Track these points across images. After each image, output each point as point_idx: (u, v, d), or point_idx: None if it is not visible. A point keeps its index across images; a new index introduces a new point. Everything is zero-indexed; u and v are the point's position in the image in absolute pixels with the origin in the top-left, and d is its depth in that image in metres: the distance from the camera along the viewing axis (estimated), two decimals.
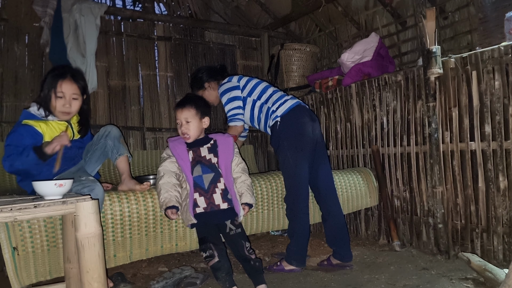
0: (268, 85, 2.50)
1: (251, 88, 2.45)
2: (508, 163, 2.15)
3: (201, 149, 2.01)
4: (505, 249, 2.17)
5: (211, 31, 4.12)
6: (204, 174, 1.95)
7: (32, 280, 1.68)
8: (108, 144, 2.08)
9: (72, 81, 1.96)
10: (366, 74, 3.05)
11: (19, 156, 1.82)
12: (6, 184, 2.80)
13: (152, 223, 1.96)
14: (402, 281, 2.07)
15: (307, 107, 2.41)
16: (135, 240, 1.92)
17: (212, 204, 1.93)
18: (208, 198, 1.93)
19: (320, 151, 2.38)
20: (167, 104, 3.83)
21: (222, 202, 1.94)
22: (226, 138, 2.08)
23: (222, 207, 1.94)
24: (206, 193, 1.93)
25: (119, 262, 1.90)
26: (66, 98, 1.94)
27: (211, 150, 2.02)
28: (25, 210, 1.30)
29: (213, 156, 2.01)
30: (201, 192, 1.93)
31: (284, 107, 2.32)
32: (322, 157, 2.39)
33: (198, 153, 2.00)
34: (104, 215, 1.83)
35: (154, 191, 2.02)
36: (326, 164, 2.42)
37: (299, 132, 2.27)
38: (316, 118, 2.39)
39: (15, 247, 1.62)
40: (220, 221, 1.96)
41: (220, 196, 1.95)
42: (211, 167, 1.98)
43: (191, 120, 1.98)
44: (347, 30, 3.89)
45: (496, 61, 2.17)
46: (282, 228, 2.44)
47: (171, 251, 2.06)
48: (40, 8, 3.19)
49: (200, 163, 1.98)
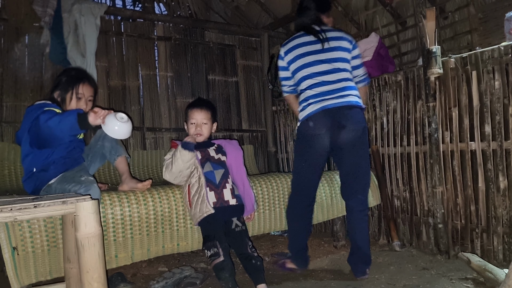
0: (312, 63, 2.16)
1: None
2: (508, 163, 2.15)
3: (208, 149, 2.08)
4: (505, 249, 2.17)
5: (211, 31, 4.11)
6: (215, 170, 2.01)
7: (32, 280, 1.68)
8: (106, 146, 2.10)
9: (90, 84, 2.08)
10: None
11: (59, 115, 1.80)
12: (6, 184, 2.80)
13: (153, 223, 1.96)
14: (402, 281, 2.07)
15: (337, 108, 2.08)
16: (137, 240, 1.92)
17: (222, 199, 1.97)
18: (219, 193, 1.97)
19: (344, 154, 2.15)
20: (167, 104, 3.83)
21: (232, 198, 1.99)
22: (230, 140, 2.17)
23: (232, 203, 1.99)
24: (217, 188, 1.98)
25: (120, 262, 1.89)
26: (84, 100, 2.04)
27: (218, 151, 2.09)
28: (25, 210, 1.30)
29: (221, 156, 2.08)
30: (212, 187, 1.97)
31: (303, 113, 2.15)
32: (345, 160, 2.18)
33: (206, 152, 2.06)
34: (104, 215, 1.83)
35: (154, 191, 2.02)
36: (348, 167, 2.19)
37: (308, 145, 2.15)
38: (345, 124, 2.07)
39: (14, 247, 1.62)
40: (229, 217, 2.00)
41: (230, 192, 2.00)
42: (221, 164, 2.05)
43: (207, 122, 2.09)
44: (347, 30, 3.88)
45: (496, 61, 2.18)
46: (285, 228, 2.43)
47: (172, 251, 2.06)
48: (40, 8, 3.19)
49: (209, 160, 2.04)
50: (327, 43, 2.14)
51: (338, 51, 2.15)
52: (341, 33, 2.21)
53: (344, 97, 2.09)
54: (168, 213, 2.00)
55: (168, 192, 2.04)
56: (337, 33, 2.20)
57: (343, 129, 2.08)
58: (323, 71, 2.12)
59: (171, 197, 2.03)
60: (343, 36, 2.20)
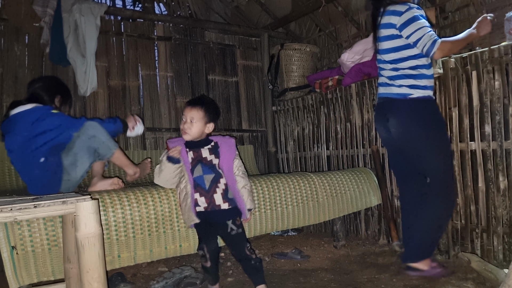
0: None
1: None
2: (508, 163, 2.15)
3: (202, 150, 2.01)
4: (505, 249, 2.17)
5: (211, 31, 4.11)
6: (205, 174, 1.96)
7: (33, 279, 1.66)
8: (99, 141, 2.20)
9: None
10: (366, 74, 3.05)
11: (108, 121, 2.30)
12: (6, 184, 2.80)
13: (154, 222, 1.95)
14: (402, 281, 2.07)
15: (386, 101, 2.15)
16: (139, 240, 1.91)
17: (213, 204, 1.94)
18: (209, 198, 1.93)
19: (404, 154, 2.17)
20: (167, 104, 3.83)
21: (223, 202, 1.95)
22: (228, 139, 2.09)
23: (223, 207, 1.95)
24: (207, 193, 1.94)
25: (123, 263, 1.87)
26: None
27: (212, 151, 2.02)
28: (25, 210, 1.30)
29: (214, 158, 2.01)
30: (202, 192, 1.94)
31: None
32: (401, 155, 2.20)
33: (199, 153, 2.00)
34: (106, 213, 1.82)
35: (154, 191, 2.02)
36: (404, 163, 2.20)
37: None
38: (392, 115, 2.12)
39: (13, 246, 1.61)
40: (221, 220, 1.96)
41: (221, 196, 1.95)
42: (211, 168, 1.99)
43: (196, 122, 1.98)
44: (347, 30, 3.89)
45: (496, 61, 2.18)
46: (287, 228, 2.42)
47: (175, 253, 2.02)
48: (40, 8, 3.19)
49: (200, 163, 1.98)
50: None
51: None
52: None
53: None
54: (168, 213, 2.00)
55: (168, 192, 2.04)
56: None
57: (391, 120, 2.17)
58: None
59: (171, 197, 2.03)
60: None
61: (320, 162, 3.50)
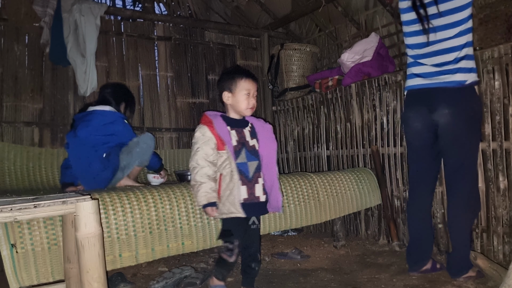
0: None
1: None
2: (508, 163, 2.15)
3: (244, 130, 1.80)
4: (505, 249, 2.17)
5: (211, 31, 4.12)
6: (249, 161, 1.77)
7: (33, 281, 1.65)
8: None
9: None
10: (366, 74, 3.05)
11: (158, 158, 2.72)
12: (6, 184, 2.80)
13: (155, 220, 1.93)
14: (402, 281, 2.07)
15: (433, 91, 1.93)
16: (140, 238, 1.88)
17: (253, 195, 1.77)
18: (250, 188, 1.76)
19: (443, 143, 1.97)
20: (167, 104, 3.83)
21: (262, 194, 1.80)
22: (264, 123, 1.89)
23: (262, 200, 1.80)
24: (250, 182, 1.76)
25: (125, 262, 1.84)
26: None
27: (252, 135, 1.82)
28: (25, 210, 1.30)
29: (256, 142, 1.82)
30: (244, 181, 1.75)
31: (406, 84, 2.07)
32: (445, 151, 1.99)
33: (242, 134, 1.79)
34: (106, 211, 1.82)
35: (154, 190, 2.01)
36: (451, 159, 1.98)
37: (405, 125, 2.10)
38: (437, 106, 1.92)
39: (13, 244, 1.60)
40: (256, 214, 1.82)
41: (261, 187, 1.80)
42: (255, 153, 1.79)
43: (255, 96, 1.84)
44: (347, 30, 3.89)
45: (496, 61, 2.18)
46: (290, 227, 2.41)
47: (177, 252, 1.97)
48: (40, 8, 3.19)
49: (245, 147, 1.78)
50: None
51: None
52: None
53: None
54: (170, 211, 1.97)
55: (168, 191, 2.03)
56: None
57: (435, 112, 2.00)
58: None
59: (171, 195, 2.02)
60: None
61: (320, 162, 3.50)
